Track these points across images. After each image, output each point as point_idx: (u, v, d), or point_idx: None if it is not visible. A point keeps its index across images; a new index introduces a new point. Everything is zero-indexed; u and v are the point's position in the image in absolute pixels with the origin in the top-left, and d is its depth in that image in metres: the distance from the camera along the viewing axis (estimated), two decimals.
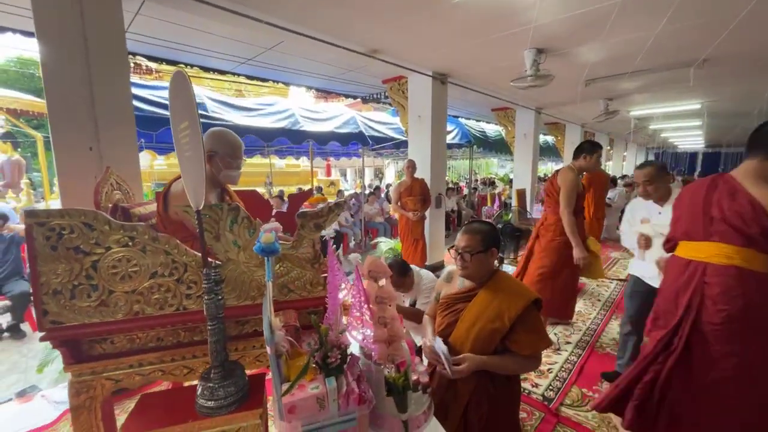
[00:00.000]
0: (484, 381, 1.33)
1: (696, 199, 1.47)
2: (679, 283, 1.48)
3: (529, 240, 3.16)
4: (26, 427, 1.97)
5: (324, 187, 10.38)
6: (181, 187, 1.47)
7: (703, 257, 1.41)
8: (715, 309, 1.35)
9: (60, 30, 2.01)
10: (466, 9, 2.77)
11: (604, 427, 1.95)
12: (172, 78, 0.96)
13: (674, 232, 1.58)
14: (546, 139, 11.59)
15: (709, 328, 1.36)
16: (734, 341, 1.32)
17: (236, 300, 1.18)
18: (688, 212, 1.50)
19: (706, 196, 1.43)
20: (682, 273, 1.47)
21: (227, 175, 1.58)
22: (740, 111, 8.05)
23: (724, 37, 3.34)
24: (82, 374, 1.10)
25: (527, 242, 4.99)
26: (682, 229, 1.52)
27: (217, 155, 1.54)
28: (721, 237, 1.37)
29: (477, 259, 1.36)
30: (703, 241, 1.42)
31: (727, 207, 1.35)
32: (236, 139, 1.61)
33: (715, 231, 1.39)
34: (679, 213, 1.57)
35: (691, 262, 1.45)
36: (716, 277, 1.36)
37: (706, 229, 1.41)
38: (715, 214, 1.39)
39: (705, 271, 1.40)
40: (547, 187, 3.05)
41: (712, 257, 1.39)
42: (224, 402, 0.99)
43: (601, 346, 2.85)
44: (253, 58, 4.13)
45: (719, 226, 1.37)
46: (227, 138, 1.58)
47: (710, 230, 1.40)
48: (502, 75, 4.62)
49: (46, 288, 1.02)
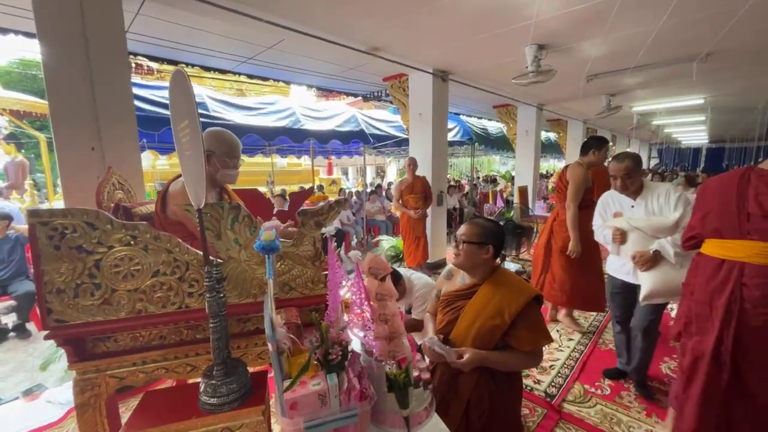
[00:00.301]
0: (485, 377, 1.33)
1: (728, 194, 1.36)
2: (713, 285, 1.37)
3: (541, 236, 3.17)
4: (33, 424, 1.99)
5: (326, 185, 10.38)
6: (180, 186, 1.48)
7: (740, 257, 1.32)
8: (755, 313, 1.26)
9: (61, 31, 2.02)
10: (467, 5, 2.76)
11: (607, 423, 1.95)
12: (171, 77, 0.96)
13: (701, 228, 1.46)
14: (548, 135, 11.55)
15: (752, 337, 1.27)
16: None
17: (238, 298, 1.19)
18: (719, 208, 1.39)
19: (740, 191, 1.33)
20: (715, 274, 1.37)
21: (225, 174, 1.58)
22: (744, 106, 7.97)
23: (727, 30, 3.31)
24: (87, 372, 1.11)
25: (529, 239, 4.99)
26: (712, 226, 1.40)
27: (214, 155, 1.53)
28: (762, 235, 1.27)
29: (468, 249, 1.37)
30: (739, 239, 1.32)
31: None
32: (233, 138, 1.60)
33: (753, 228, 1.28)
34: (707, 208, 1.44)
35: (725, 261, 1.35)
36: (757, 278, 1.26)
37: (742, 226, 1.31)
38: (753, 210, 1.28)
39: (743, 271, 1.30)
40: (557, 183, 3.07)
41: (751, 257, 1.29)
42: (227, 399, 1.00)
43: (604, 342, 2.85)
44: (253, 57, 4.13)
45: (759, 223, 1.27)
46: (224, 137, 1.57)
47: (747, 227, 1.30)
48: (503, 72, 4.60)
49: (50, 287, 1.03)
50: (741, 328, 1.29)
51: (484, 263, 1.39)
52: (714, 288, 1.37)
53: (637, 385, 2.22)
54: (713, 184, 1.48)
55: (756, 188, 1.30)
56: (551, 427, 1.93)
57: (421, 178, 4.35)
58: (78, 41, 2.05)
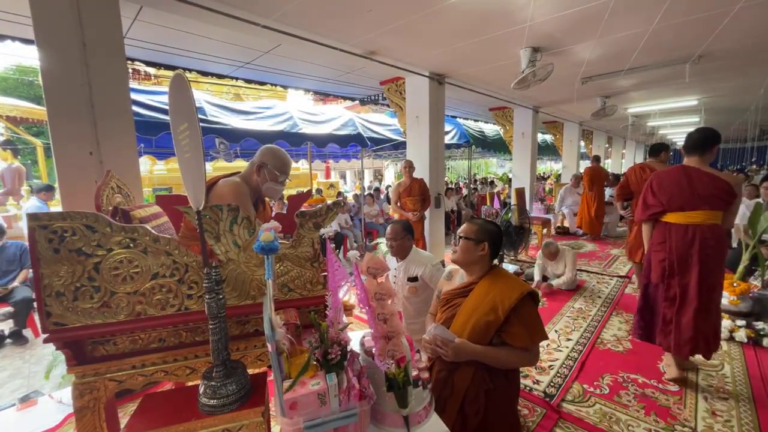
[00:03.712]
0: (481, 375, 1.34)
1: (682, 183, 2.14)
2: (686, 240, 2.12)
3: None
4: (30, 430, 1.97)
5: (324, 189, 10.39)
6: (227, 189, 1.50)
7: (698, 221, 2.10)
8: (708, 253, 2.08)
9: (59, 37, 2.03)
10: (462, 9, 2.79)
11: (606, 422, 1.96)
12: (171, 80, 0.97)
13: (668, 206, 2.19)
14: (544, 137, 11.61)
15: (707, 267, 2.09)
16: (719, 272, 2.14)
17: (237, 300, 1.20)
18: (679, 192, 2.15)
19: (689, 182, 2.12)
20: (686, 234, 2.12)
21: (270, 187, 1.66)
22: (737, 106, 8.06)
23: (718, 32, 3.36)
24: (86, 375, 1.11)
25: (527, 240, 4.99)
26: (678, 204, 2.15)
27: (266, 167, 1.62)
28: (709, 206, 2.08)
29: (465, 245, 1.43)
30: (696, 210, 2.10)
31: (708, 187, 2.07)
32: (287, 157, 1.71)
33: (703, 203, 2.08)
34: (669, 193, 2.18)
35: (689, 225, 2.12)
36: (708, 232, 2.08)
37: (696, 202, 2.10)
38: (702, 193, 2.08)
39: (703, 230, 2.09)
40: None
41: (705, 220, 2.09)
42: (226, 400, 1.00)
43: (602, 342, 2.86)
44: (250, 62, 4.15)
45: (706, 200, 2.07)
46: (279, 154, 1.68)
47: (699, 203, 2.09)
48: (498, 74, 4.64)
49: (49, 290, 1.04)
50: (703, 264, 2.08)
51: (481, 260, 1.42)
52: (688, 242, 2.11)
53: None
54: (668, 178, 2.21)
55: (699, 179, 2.09)
56: (550, 426, 1.93)
57: (418, 181, 4.36)
58: (76, 47, 2.06)
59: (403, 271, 2.31)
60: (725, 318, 2.97)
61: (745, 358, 2.58)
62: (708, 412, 2.03)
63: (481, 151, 9.57)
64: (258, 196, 1.71)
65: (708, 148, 2.15)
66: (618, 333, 2.99)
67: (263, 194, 1.70)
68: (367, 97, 6.14)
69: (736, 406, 2.07)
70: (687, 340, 2.13)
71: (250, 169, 1.66)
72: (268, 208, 1.82)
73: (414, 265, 2.29)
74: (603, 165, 8.28)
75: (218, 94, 7.28)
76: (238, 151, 6.21)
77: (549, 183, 12.77)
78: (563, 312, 3.47)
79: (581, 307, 3.56)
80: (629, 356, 2.63)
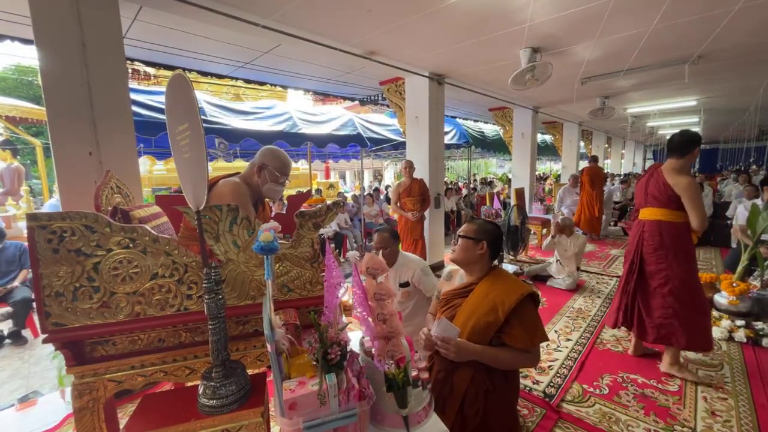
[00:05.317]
0: (480, 376, 1.34)
1: (642, 183, 2.47)
2: (634, 233, 2.46)
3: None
4: (30, 431, 1.97)
5: (323, 189, 10.39)
6: (227, 189, 1.50)
7: (645, 217, 2.39)
8: (648, 244, 2.36)
9: (59, 37, 2.02)
10: (461, 9, 2.79)
11: (605, 422, 1.96)
12: (170, 80, 0.97)
13: (638, 204, 2.51)
14: (544, 138, 11.62)
15: (647, 256, 2.37)
16: (660, 262, 2.31)
17: (236, 300, 1.19)
18: (639, 192, 2.48)
19: (647, 181, 2.41)
20: (636, 227, 2.45)
21: (270, 188, 1.67)
22: (737, 107, 8.06)
23: (718, 33, 3.36)
24: (85, 376, 1.11)
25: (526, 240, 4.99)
26: (638, 201, 2.49)
27: (266, 168, 1.63)
28: (654, 204, 2.33)
29: (464, 244, 1.44)
30: (646, 208, 2.39)
31: (654, 186, 2.33)
32: (287, 158, 1.72)
33: (650, 201, 2.35)
34: (636, 193, 2.55)
35: (638, 220, 2.44)
36: (648, 227, 2.35)
37: (647, 199, 2.38)
38: (650, 191, 2.35)
39: (644, 224, 2.38)
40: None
41: (648, 216, 2.36)
42: (226, 401, 1.00)
43: (602, 342, 2.86)
44: (250, 62, 4.15)
45: (652, 198, 2.33)
46: (280, 155, 1.69)
47: (648, 200, 2.37)
48: (498, 75, 4.64)
49: (48, 290, 1.04)
50: (646, 255, 2.36)
51: (480, 260, 1.41)
52: (635, 236, 2.44)
53: None
54: (639, 180, 2.54)
55: (655, 179, 2.33)
56: (550, 426, 1.93)
57: (418, 181, 4.36)
58: (76, 47, 2.06)
59: (394, 278, 2.31)
60: (725, 318, 2.97)
61: (744, 358, 2.58)
62: (707, 412, 2.03)
63: (481, 152, 9.57)
64: (258, 197, 1.71)
65: (687, 150, 2.22)
66: (618, 333, 2.99)
67: (264, 195, 1.71)
68: (367, 98, 6.14)
69: (736, 406, 2.07)
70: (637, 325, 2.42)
71: (251, 169, 1.66)
72: (268, 209, 1.83)
73: (404, 270, 2.29)
74: (602, 165, 8.29)
75: (218, 94, 7.27)
76: (237, 151, 6.21)
77: (548, 183, 12.76)
78: (563, 312, 3.47)
79: (581, 307, 3.57)
80: (629, 356, 2.64)
